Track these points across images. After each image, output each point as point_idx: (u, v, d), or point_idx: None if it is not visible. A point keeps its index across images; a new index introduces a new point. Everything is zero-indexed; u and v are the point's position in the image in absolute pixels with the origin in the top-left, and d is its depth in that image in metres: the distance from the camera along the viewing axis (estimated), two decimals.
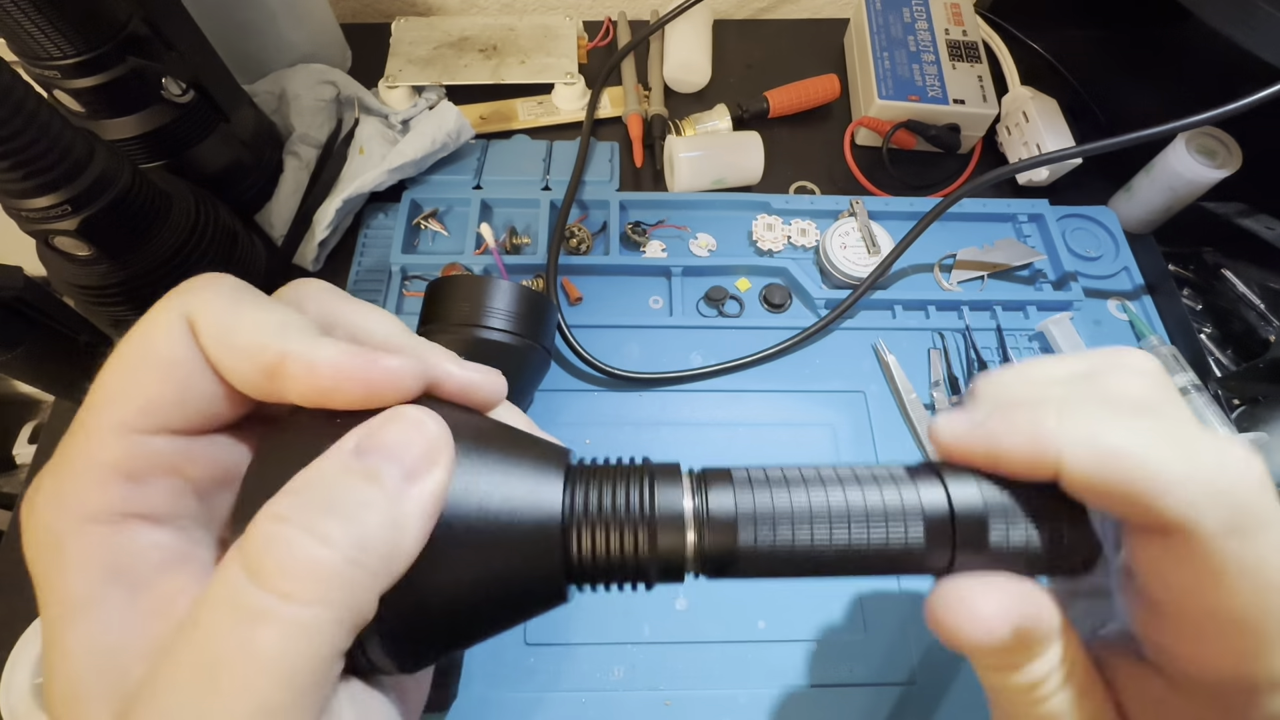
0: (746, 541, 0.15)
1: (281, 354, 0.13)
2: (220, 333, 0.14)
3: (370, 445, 0.13)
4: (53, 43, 0.35)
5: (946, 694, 0.36)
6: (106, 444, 0.13)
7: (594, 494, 0.15)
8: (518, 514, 0.14)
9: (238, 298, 0.14)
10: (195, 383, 0.14)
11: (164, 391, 0.14)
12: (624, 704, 0.35)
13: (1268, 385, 0.41)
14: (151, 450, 0.13)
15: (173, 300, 0.14)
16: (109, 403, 0.13)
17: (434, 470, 0.13)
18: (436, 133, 0.49)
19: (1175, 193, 0.48)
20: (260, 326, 0.14)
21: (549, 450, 0.16)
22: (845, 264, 0.46)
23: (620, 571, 0.15)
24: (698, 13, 0.58)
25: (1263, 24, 0.36)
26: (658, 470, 0.16)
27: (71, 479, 0.13)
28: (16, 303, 0.32)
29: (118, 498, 0.13)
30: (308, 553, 0.12)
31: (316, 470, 0.13)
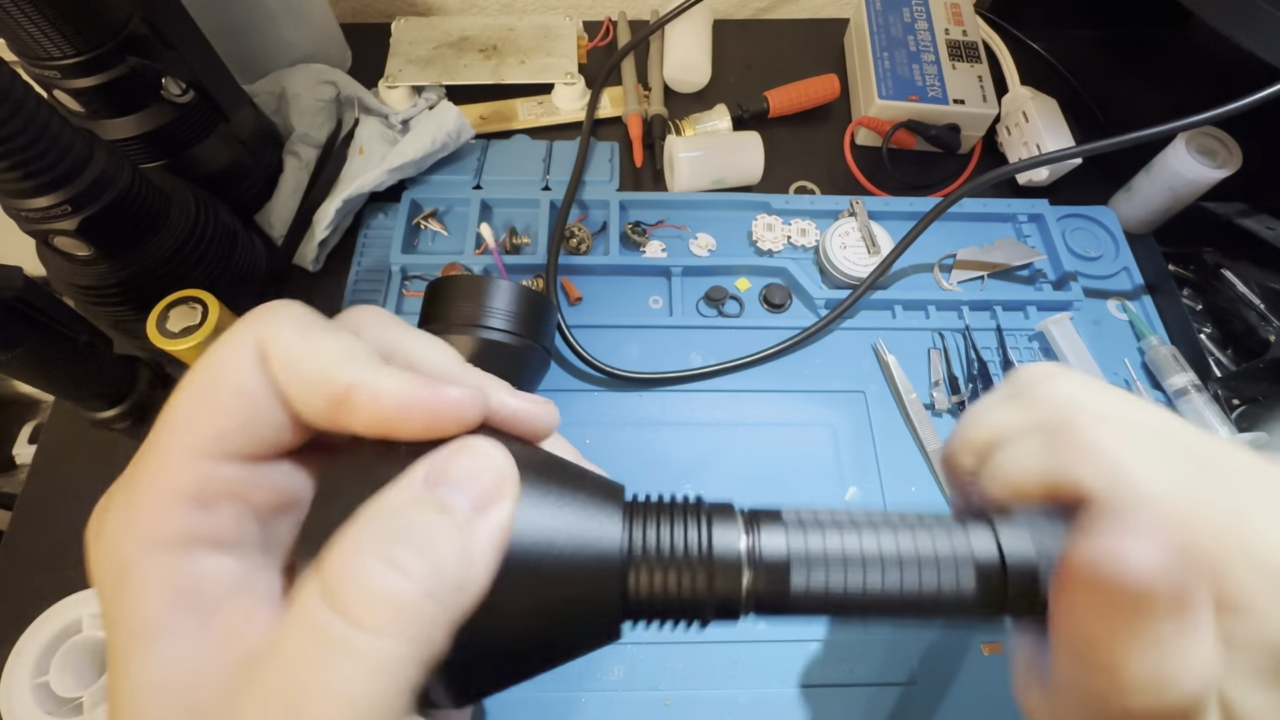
0: (799, 585, 0.16)
1: (348, 385, 0.14)
2: (289, 362, 0.14)
3: (439, 476, 0.13)
4: (53, 43, 0.35)
5: (946, 694, 0.36)
6: (177, 469, 0.13)
7: (652, 532, 0.16)
8: (578, 550, 0.15)
9: (307, 327, 0.14)
10: (264, 411, 0.14)
11: (234, 419, 0.14)
12: (624, 704, 0.35)
13: (1267, 385, 0.41)
14: (220, 476, 0.14)
15: (245, 328, 0.14)
16: (181, 428, 0.14)
17: (502, 502, 0.13)
18: (436, 133, 0.49)
19: (1175, 193, 0.48)
20: (328, 357, 0.14)
21: (605, 486, 0.16)
22: (845, 264, 0.46)
23: (677, 610, 0.16)
24: (698, 13, 0.58)
25: (1263, 24, 0.36)
26: (714, 510, 0.16)
27: (143, 503, 0.13)
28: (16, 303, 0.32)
29: (187, 523, 0.13)
30: (385, 582, 0.12)
31: (389, 500, 0.13)
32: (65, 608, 0.34)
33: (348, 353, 0.14)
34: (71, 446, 0.43)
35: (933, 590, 0.16)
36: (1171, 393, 0.43)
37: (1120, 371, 0.45)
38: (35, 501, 0.41)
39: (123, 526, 0.13)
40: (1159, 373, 0.44)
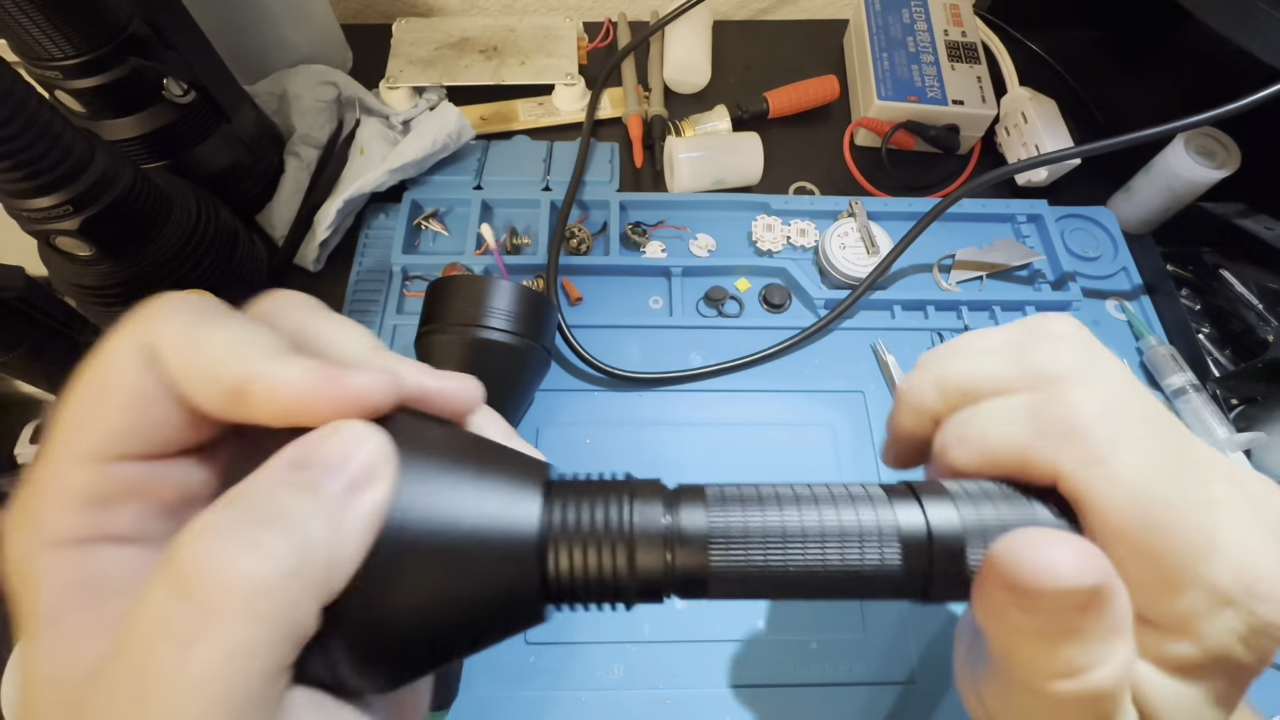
0: (718, 563, 0.15)
1: (244, 376, 0.13)
2: (180, 357, 0.13)
3: (306, 459, 0.13)
4: (54, 43, 0.35)
5: (946, 693, 0.36)
6: (71, 472, 0.13)
7: (572, 511, 0.15)
8: (490, 530, 0.14)
9: (198, 319, 0.14)
10: (156, 410, 0.14)
11: (124, 420, 0.13)
12: (624, 703, 0.35)
13: (1266, 385, 0.41)
14: (116, 476, 0.13)
15: (129, 327, 0.14)
16: (71, 433, 0.13)
17: (376, 483, 0.13)
18: (437, 133, 0.49)
19: (1174, 193, 0.48)
20: (221, 348, 0.13)
21: (526, 464, 0.15)
22: (844, 264, 0.47)
23: (599, 592, 0.15)
24: (698, 13, 0.58)
25: (1262, 24, 0.36)
26: (637, 487, 0.16)
27: (39, 507, 0.13)
28: (17, 303, 0.32)
29: (84, 522, 0.13)
30: (241, 565, 0.11)
31: (251, 483, 0.13)
32: None
33: (242, 342, 0.14)
34: None
35: (857, 567, 0.15)
36: (1170, 393, 0.43)
37: None
38: None
39: (23, 529, 0.13)
40: (1157, 373, 0.44)
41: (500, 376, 0.37)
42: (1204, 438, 0.41)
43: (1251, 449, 0.40)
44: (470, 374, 0.17)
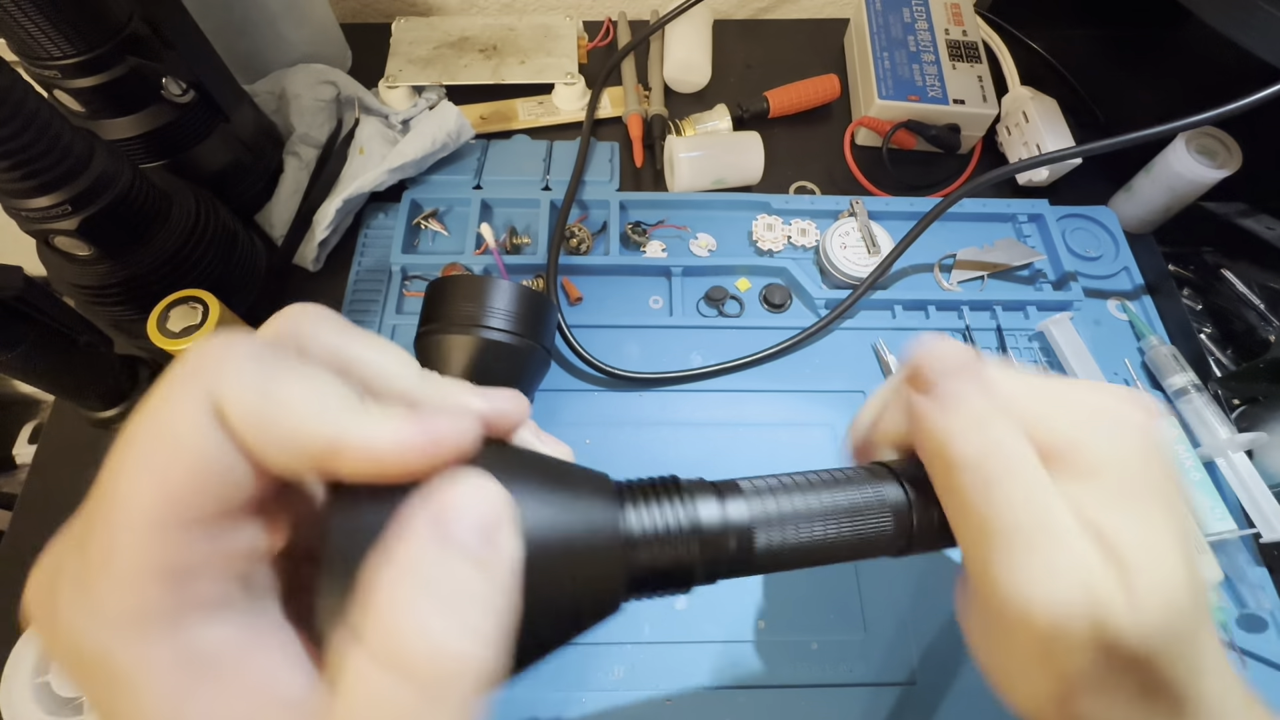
0: (763, 544, 0.18)
1: (333, 440, 0.13)
2: (255, 417, 0.12)
3: (448, 519, 0.13)
4: (53, 42, 0.35)
5: (946, 694, 0.36)
6: (139, 544, 0.12)
7: (644, 512, 0.17)
8: (580, 536, 0.16)
9: (264, 370, 0.13)
10: (229, 472, 0.13)
11: (196, 486, 0.12)
12: (624, 704, 0.35)
13: (1267, 385, 0.41)
14: (190, 546, 0.12)
15: (191, 380, 0.13)
16: (132, 499, 0.12)
17: (506, 527, 0.13)
18: (437, 133, 0.49)
19: (1175, 193, 0.48)
20: (303, 411, 0.13)
21: (592, 476, 0.17)
22: (845, 264, 0.46)
23: (671, 580, 0.17)
24: (698, 13, 0.58)
25: (1263, 24, 0.36)
26: (692, 487, 0.18)
27: (106, 584, 0.12)
28: (16, 303, 0.32)
29: (166, 599, 0.12)
30: (461, 647, 0.12)
31: (414, 556, 0.12)
32: None
33: (321, 399, 0.13)
34: (71, 446, 0.43)
35: (862, 534, 0.19)
36: (1171, 393, 0.43)
37: (1120, 371, 0.45)
38: (35, 501, 0.41)
39: (85, 613, 0.12)
40: (1159, 373, 0.44)
41: (500, 376, 0.37)
42: (1206, 438, 0.41)
43: (1253, 449, 0.40)
44: (470, 374, 0.17)
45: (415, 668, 0.11)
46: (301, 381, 0.13)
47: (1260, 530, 0.38)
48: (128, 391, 0.39)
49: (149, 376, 0.41)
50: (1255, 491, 0.39)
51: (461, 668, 0.12)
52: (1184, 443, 0.40)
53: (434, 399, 0.15)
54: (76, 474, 0.42)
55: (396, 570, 0.12)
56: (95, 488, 0.13)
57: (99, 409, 0.39)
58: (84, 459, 0.42)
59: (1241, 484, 0.39)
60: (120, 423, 0.39)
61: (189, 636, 0.12)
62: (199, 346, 0.13)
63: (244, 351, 0.13)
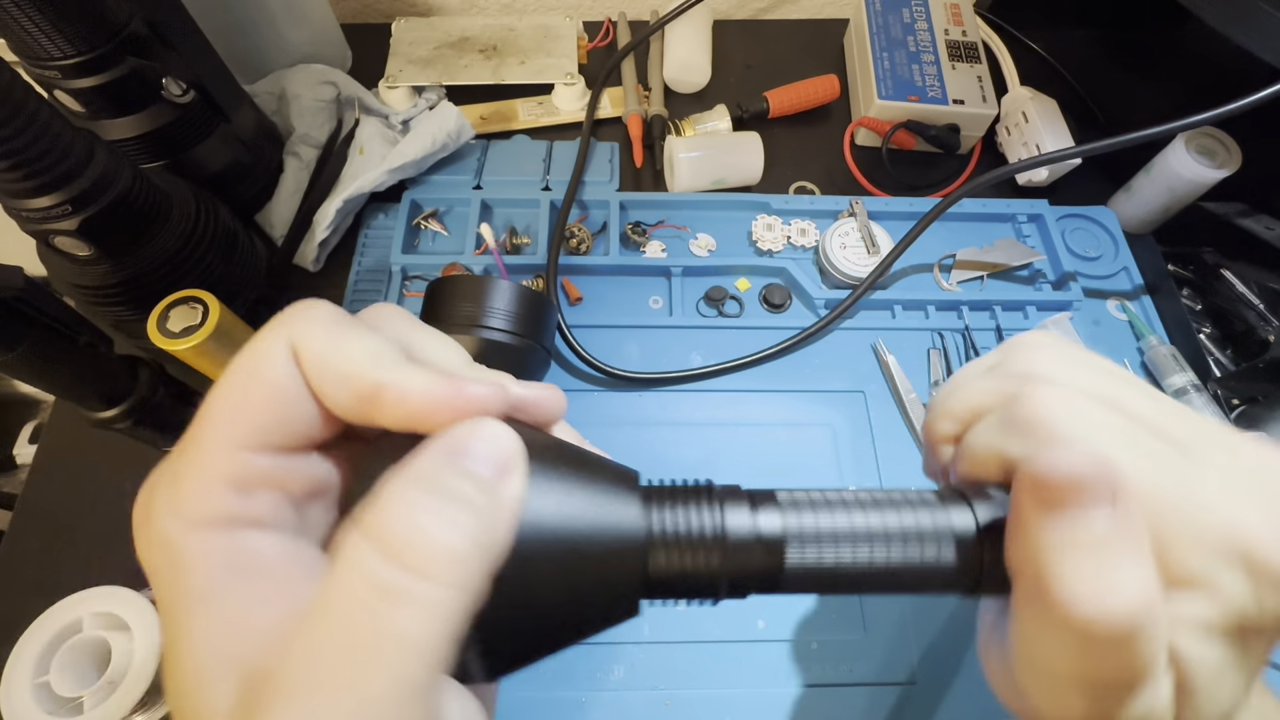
0: (795, 561, 0.17)
1: (377, 382, 0.15)
2: (321, 361, 0.15)
3: (461, 448, 0.14)
4: (53, 43, 0.35)
5: (947, 694, 0.36)
6: (218, 459, 0.14)
7: (670, 514, 0.16)
8: (600, 529, 0.15)
9: (336, 326, 0.15)
10: (298, 406, 0.15)
11: (271, 414, 0.15)
12: (624, 704, 0.35)
13: (1267, 385, 0.41)
14: (258, 466, 0.15)
15: (279, 327, 0.15)
16: (221, 421, 0.15)
17: (514, 473, 0.15)
18: (437, 133, 0.49)
19: (1175, 193, 0.48)
20: (357, 355, 0.15)
21: (620, 471, 0.17)
22: (845, 264, 0.46)
23: (694, 588, 0.17)
24: (698, 13, 0.58)
25: (1263, 24, 0.36)
26: (725, 493, 0.17)
27: (188, 489, 0.14)
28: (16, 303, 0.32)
29: (230, 506, 0.14)
30: (439, 533, 0.13)
31: (419, 467, 0.14)
32: (65, 608, 0.34)
33: (375, 351, 0.15)
34: (72, 446, 0.43)
35: (915, 563, 0.17)
36: (1171, 393, 0.43)
37: None
38: (35, 501, 0.41)
39: (169, 510, 0.14)
40: (1158, 373, 0.44)
41: None
42: None
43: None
44: None
45: (399, 545, 0.12)
46: (361, 338, 0.15)
47: None
48: (127, 392, 0.39)
49: (149, 377, 0.41)
50: None
51: (444, 556, 0.12)
52: None
53: (477, 377, 0.17)
54: (76, 474, 0.42)
55: (404, 474, 0.14)
56: (198, 411, 0.15)
57: (99, 409, 0.39)
58: (84, 459, 0.42)
59: None
60: (121, 423, 0.39)
61: (240, 539, 0.14)
62: (291, 306, 0.16)
63: (323, 312, 0.16)
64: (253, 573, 0.14)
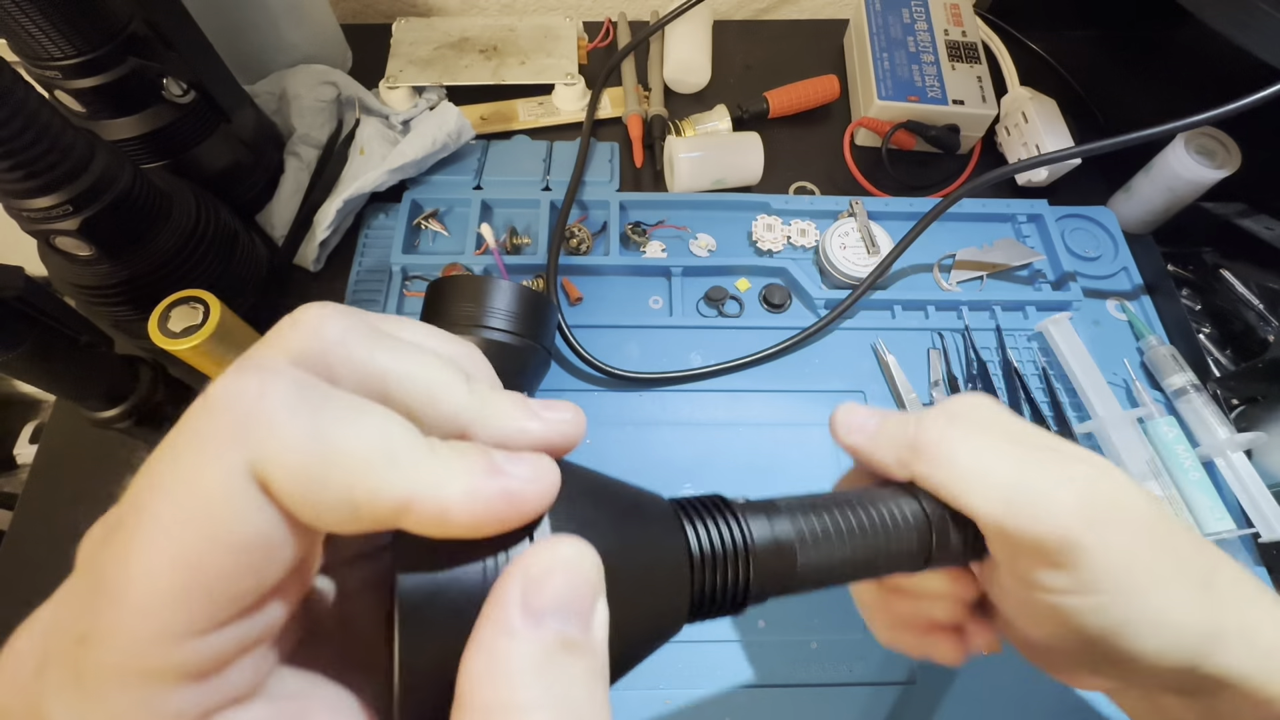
0: (806, 563, 0.18)
1: (403, 499, 0.11)
2: (308, 484, 0.11)
3: (542, 606, 0.12)
4: (54, 43, 0.35)
5: (947, 693, 0.36)
6: (162, 654, 0.10)
7: (705, 534, 0.17)
8: (651, 566, 0.16)
9: (309, 420, 0.11)
10: (272, 551, 0.11)
11: (232, 573, 0.10)
12: (624, 703, 0.35)
13: (1266, 385, 0.41)
14: (223, 644, 0.11)
15: (228, 448, 0.10)
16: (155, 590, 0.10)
17: (599, 605, 0.13)
18: (437, 133, 0.49)
19: (1174, 193, 0.48)
20: (361, 463, 0.11)
21: (649, 497, 0.17)
22: (845, 264, 0.46)
23: (729, 602, 0.17)
24: (698, 13, 0.58)
25: (1262, 24, 0.36)
26: (744, 507, 0.19)
27: (117, 695, 0.10)
28: (17, 303, 0.32)
29: (193, 704, 0.10)
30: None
31: (514, 653, 0.11)
32: None
33: (384, 448, 0.11)
34: (72, 446, 0.43)
35: (892, 550, 0.20)
36: (1170, 393, 0.43)
37: (1119, 371, 0.45)
38: (36, 501, 0.41)
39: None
40: (1158, 373, 0.44)
41: (500, 377, 0.36)
42: (1205, 438, 0.41)
43: (1252, 449, 0.40)
44: None
45: None
46: (354, 426, 0.11)
47: (1259, 530, 0.38)
48: (128, 392, 0.39)
49: (150, 377, 0.41)
50: (1254, 491, 0.39)
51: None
52: (1183, 442, 0.40)
53: (492, 425, 0.14)
54: (77, 474, 0.42)
55: (496, 665, 0.11)
56: (98, 564, 0.10)
57: (100, 409, 0.39)
58: (84, 459, 0.42)
59: (1240, 484, 0.39)
60: (121, 423, 0.39)
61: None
62: (226, 392, 0.11)
63: (283, 398, 0.11)
64: None
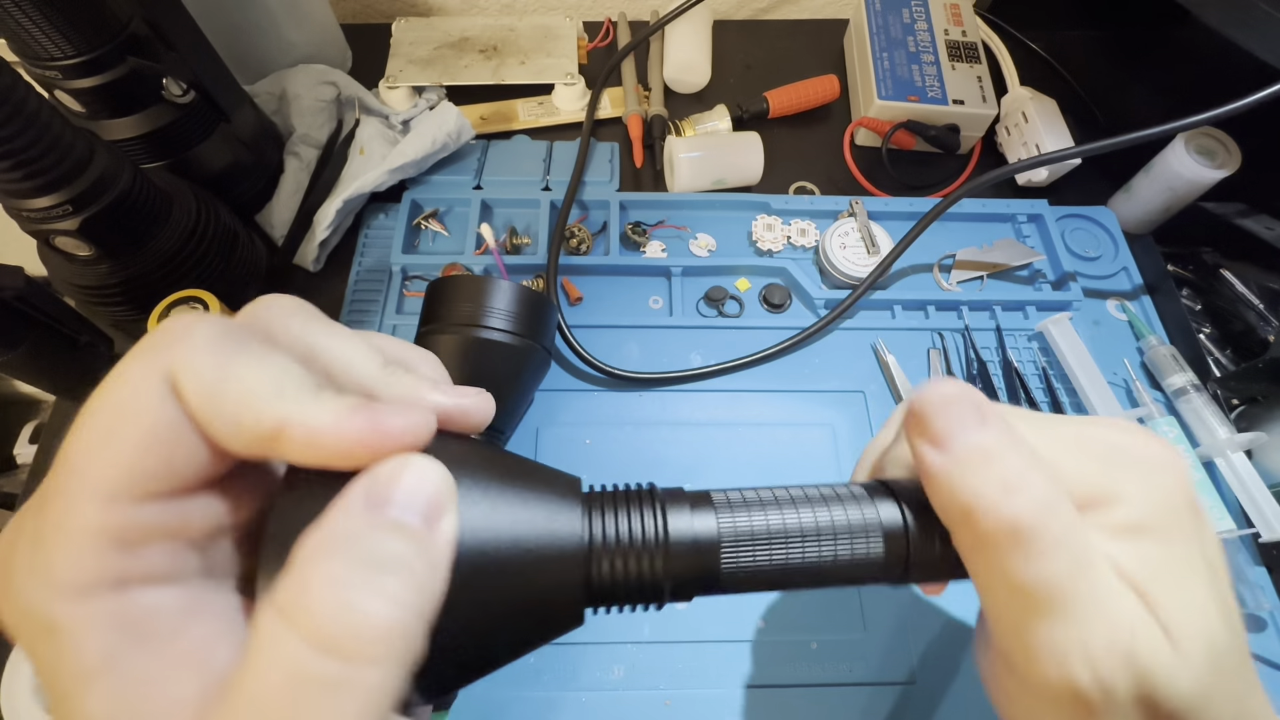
0: (729, 562, 0.17)
1: (278, 421, 0.13)
2: (208, 395, 0.13)
3: (385, 496, 0.13)
4: (53, 43, 0.35)
5: (946, 693, 0.36)
6: (90, 513, 0.12)
7: (610, 521, 0.16)
8: (539, 542, 0.15)
9: (222, 349, 0.13)
10: (182, 446, 0.13)
11: (148, 459, 0.13)
12: (624, 704, 0.35)
13: (1267, 385, 0.41)
14: (141, 516, 0.13)
15: (150, 355, 0.13)
16: (89, 471, 0.12)
17: (447, 514, 0.13)
18: (437, 133, 0.49)
19: (1174, 193, 0.48)
20: (253, 387, 0.13)
21: (561, 479, 0.17)
22: (845, 264, 0.46)
23: (636, 594, 0.16)
24: (698, 13, 0.58)
25: (1262, 24, 0.36)
26: (665, 496, 0.17)
27: (57, 552, 0.12)
28: (17, 303, 0.32)
29: (113, 565, 0.12)
30: (377, 611, 0.11)
31: (341, 527, 0.12)
32: None
33: (274, 381, 0.13)
34: None
35: (846, 558, 0.17)
36: (1170, 393, 0.43)
37: (1120, 371, 0.45)
38: None
39: (37, 580, 0.12)
40: (1158, 373, 0.44)
41: (500, 377, 0.37)
42: (1205, 438, 0.41)
43: (1252, 449, 0.40)
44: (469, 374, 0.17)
45: (328, 631, 0.11)
46: (258, 362, 0.13)
47: (1259, 530, 0.38)
48: None
49: None
50: (1254, 491, 0.39)
51: (379, 637, 0.11)
52: (1183, 443, 0.40)
53: (394, 391, 0.15)
54: None
55: (323, 537, 0.12)
56: (55, 458, 0.13)
57: None
58: None
59: (1240, 484, 0.39)
60: None
61: (131, 601, 0.12)
62: (164, 325, 0.13)
63: (205, 330, 0.13)
64: (154, 637, 0.12)
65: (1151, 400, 0.43)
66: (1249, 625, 0.37)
